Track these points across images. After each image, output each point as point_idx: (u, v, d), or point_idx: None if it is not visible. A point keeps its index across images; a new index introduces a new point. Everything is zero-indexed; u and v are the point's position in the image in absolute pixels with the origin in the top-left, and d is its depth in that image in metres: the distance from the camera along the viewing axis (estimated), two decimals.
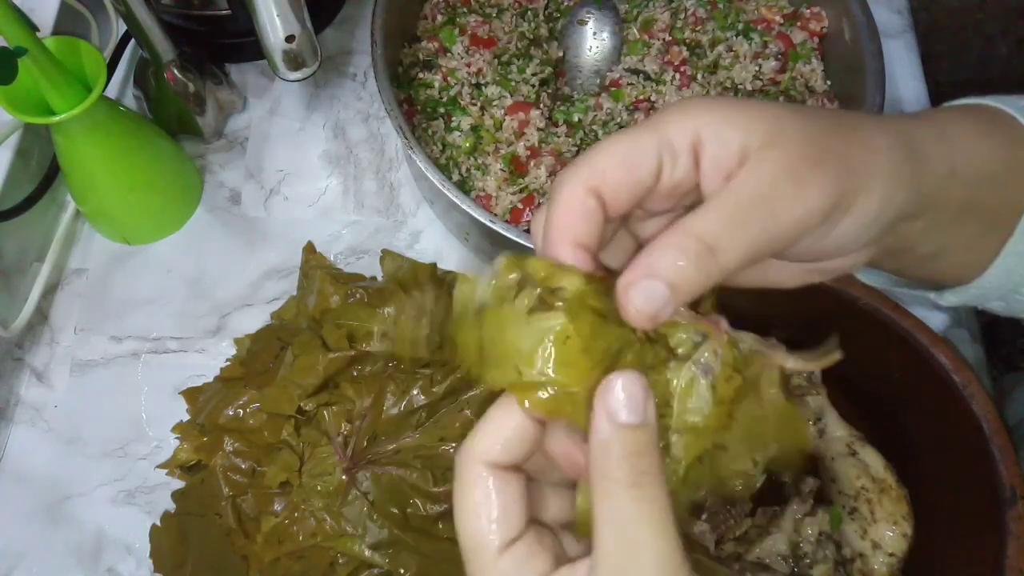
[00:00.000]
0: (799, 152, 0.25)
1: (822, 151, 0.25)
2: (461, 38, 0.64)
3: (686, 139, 0.26)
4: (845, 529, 0.49)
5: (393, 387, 0.52)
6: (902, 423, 0.53)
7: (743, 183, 0.25)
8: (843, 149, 0.26)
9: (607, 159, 0.26)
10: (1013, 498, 0.44)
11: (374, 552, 0.49)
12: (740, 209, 0.25)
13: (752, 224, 0.25)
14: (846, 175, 0.26)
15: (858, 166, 0.26)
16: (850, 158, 0.26)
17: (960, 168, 0.29)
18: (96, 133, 0.55)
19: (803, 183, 0.25)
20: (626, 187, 0.26)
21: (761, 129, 0.25)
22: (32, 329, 0.62)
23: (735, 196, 0.25)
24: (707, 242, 0.24)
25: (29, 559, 0.55)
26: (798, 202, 0.25)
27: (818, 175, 0.25)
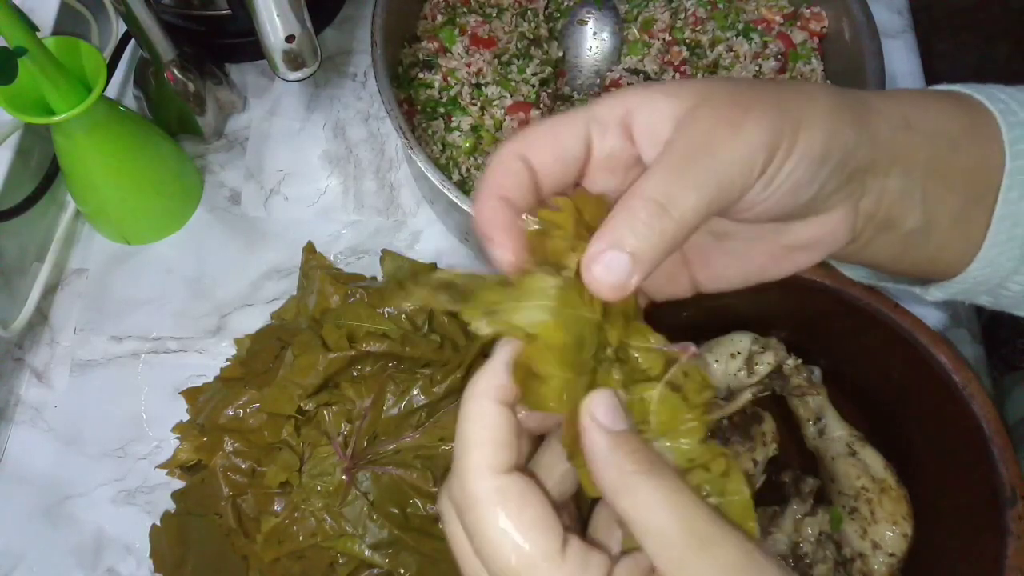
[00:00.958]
0: (729, 103, 0.26)
1: (753, 100, 0.26)
2: (461, 38, 0.64)
3: (614, 113, 0.27)
4: (845, 529, 0.49)
5: (393, 387, 0.52)
6: (902, 423, 0.53)
7: (679, 138, 0.26)
8: (774, 98, 0.27)
9: (535, 132, 0.27)
10: (1013, 498, 0.44)
11: (374, 552, 0.49)
12: (681, 160, 0.25)
13: (696, 171, 0.25)
14: (780, 114, 0.26)
15: (793, 108, 0.26)
16: (783, 102, 0.26)
17: (914, 121, 0.30)
18: (96, 133, 0.55)
19: (738, 125, 0.25)
20: (554, 154, 0.27)
21: (690, 94, 0.26)
22: (32, 329, 0.62)
23: (674, 151, 0.25)
24: (657, 200, 0.24)
25: (29, 559, 0.55)
26: (736, 140, 0.25)
27: (751, 116, 0.25)
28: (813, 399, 0.54)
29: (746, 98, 0.26)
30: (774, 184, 0.26)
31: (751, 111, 0.26)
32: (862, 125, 0.28)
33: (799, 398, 0.55)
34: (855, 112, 0.28)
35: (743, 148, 0.25)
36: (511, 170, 0.27)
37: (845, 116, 0.28)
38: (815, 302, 0.51)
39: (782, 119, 0.26)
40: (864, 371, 0.54)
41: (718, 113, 0.25)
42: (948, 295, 0.34)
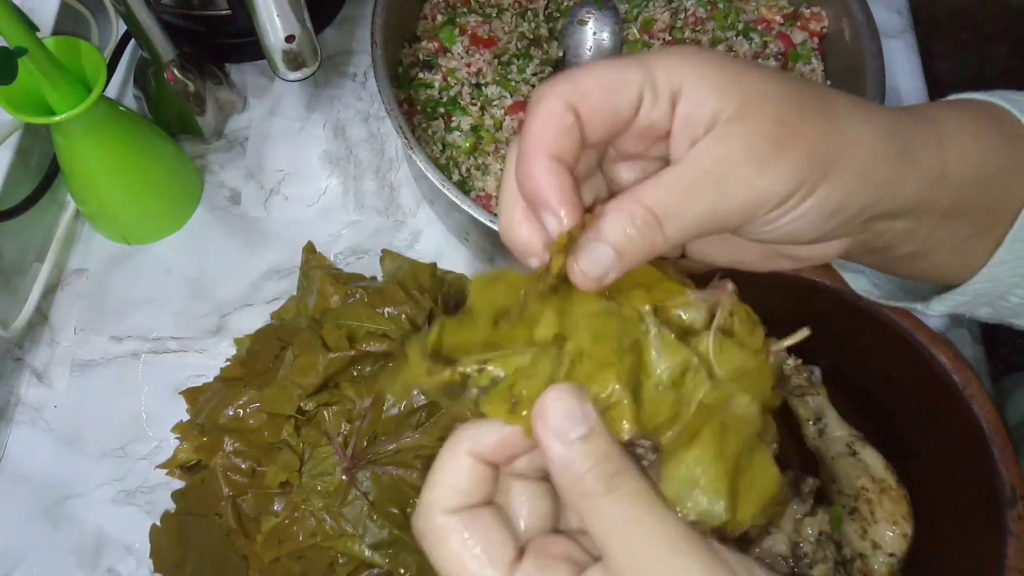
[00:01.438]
0: (767, 131, 0.25)
1: (792, 133, 0.25)
2: (461, 38, 0.64)
3: (668, 85, 0.25)
4: (845, 529, 0.49)
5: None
6: (902, 423, 0.53)
7: (702, 155, 0.25)
8: (816, 135, 0.25)
9: (591, 80, 0.25)
10: (1013, 498, 0.44)
11: (374, 552, 0.49)
12: (693, 184, 0.24)
13: (702, 201, 0.24)
14: (811, 163, 0.25)
15: (828, 155, 0.25)
16: (822, 145, 0.25)
17: (952, 170, 0.28)
18: (96, 133, 0.55)
19: (763, 165, 0.24)
20: (605, 112, 0.25)
21: (737, 97, 0.25)
22: (32, 329, 0.62)
23: (692, 169, 0.25)
24: (655, 212, 0.24)
25: (29, 559, 0.55)
26: (753, 186, 0.24)
27: (781, 159, 0.24)
28: (813, 399, 0.54)
29: (787, 128, 0.25)
30: (774, 224, 0.26)
31: (783, 151, 0.25)
32: (892, 181, 0.27)
33: (799, 398, 0.55)
34: (891, 165, 0.27)
35: (755, 195, 0.25)
36: (562, 124, 0.25)
37: (879, 171, 0.26)
38: (815, 302, 0.50)
39: (810, 168, 0.25)
40: (864, 371, 0.54)
41: (751, 141, 0.24)
42: (949, 308, 0.34)
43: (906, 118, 0.28)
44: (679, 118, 0.25)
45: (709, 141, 0.25)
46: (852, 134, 0.26)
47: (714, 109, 0.25)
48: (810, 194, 0.25)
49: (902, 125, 0.28)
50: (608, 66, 0.26)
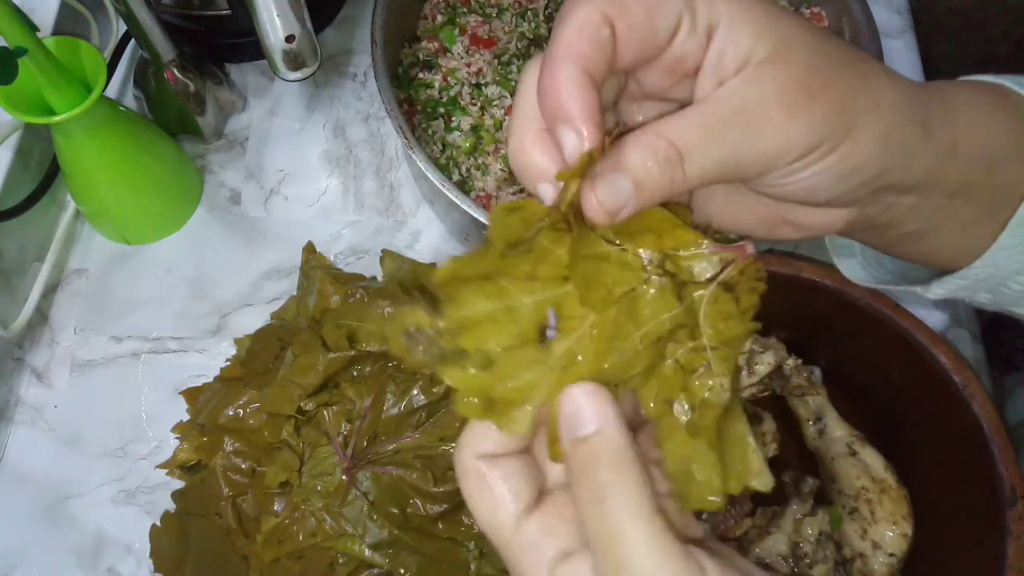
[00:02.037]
0: (800, 77, 0.24)
1: (824, 84, 0.24)
2: (461, 38, 0.64)
3: (707, 16, 0.24)
4: (845, 529, 0.49)
5: (393, 387, 0.52)
6: (902, 423, 0.53)
7: (732, 94, 0.24)
8: (846, 90, 0.25)
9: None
10: (1013, 498, 0.44)
11: (374, 552, 0.49)
12: (720, 122, 0.24)
13: (727, 141, 0.24)
14: (838, 118, 0.24)
15: (855, 113, 0.25)
16: (850, 101, 0.25)
17: (962, 146, 0.28)
18: (96, 133, 0.55)
19: (793, 113, 0.24)
20: (642, 31, 0.24)
21: (773, 40, 0.24)
22: (32, 329, 0.62)
23: (720, 107, 0.24)
24: (678, 148, 0.23)
25: (29, 559, 0.55)
26: (780, 132, 0.24)
27: (810, 108, 0.24)
28: (813, 399, 0.54)
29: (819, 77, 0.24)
30: (794, 177, 0.25)
31: (813, 100, 0.24)
32: (909, 148, 0.27)
33: (799, 398, 0.55)
34: (910, 134, 0.26)
35: (782, 142, 0.24)
36: (597, 37, 0.23)
37: (899, 137, 0.26)
38: (815, 302, 0.51)
39: (837, 123, 0.24)
40: (864, 371, 0.54)
41: (782, 86, 0.24)
42: (949, 291, 0.34)
43: (925, 91, 0.28)
44: (712, 53, 0.24)
45: (739, 81, 0.24)
46: (879, 95, 0.26)
47: (748, 49, 0.24)
48: (832, 150, 0.25)
49: (922, 96, 0.27)
50: None
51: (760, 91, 0.24)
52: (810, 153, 0.25)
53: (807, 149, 0.24)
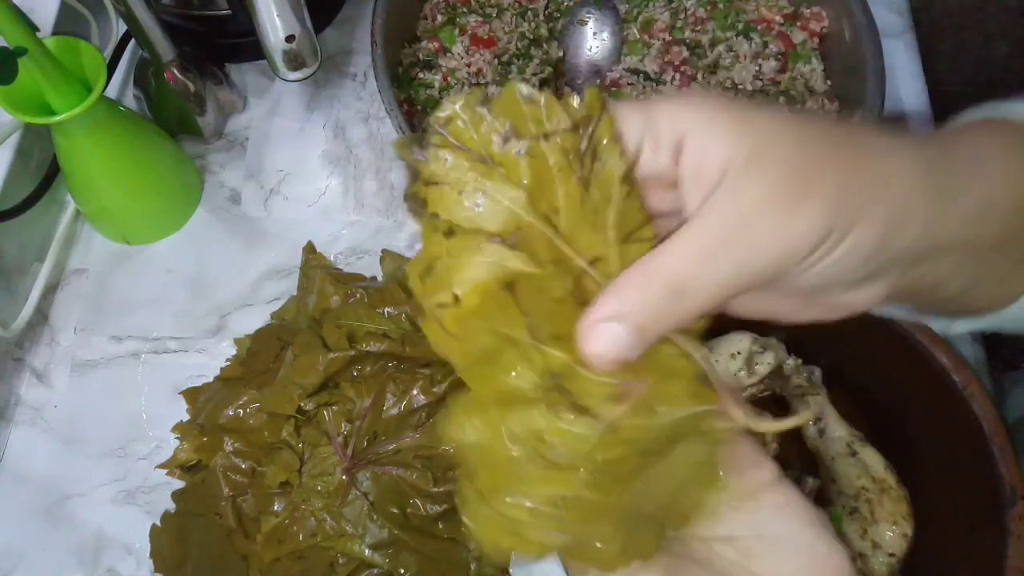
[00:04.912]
0: (784, 177, 0.22)
1: (813, 176, 0.23)
2: (461, 38, 0.64)
3: (671, 135, 0.23)
4: (845, 529, 0.49)
5: (393, 387, 0.52)
6: (902, 423, 0.53)
7: (718, 211, 0.23)
8: (841, 175, 0.23)
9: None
10: (1013, 498, 0.44)
11: (374, 552, 0.49)
12: (715, 243, 0.22)
13: (728, 262, 0.22)
14: (839, 206, 0.23)
15: (858, 196, 0.23)
16: (849, 186, 0.23)
17: (996, 201, 0.26)
18: (96, 133, 0.55)
19: (789, 214, 0.22)
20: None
21: (747, 143, 0.23)
22: (32, 329, 0.62)
23: (708, 228, 0.23)
24: (674, 284, 0.22)
25: (29, 559, 0.55)
26: (780, 237, 0.22)
27: (805, 205, 0.22)
28: (813, 399, 0.54)
29: (809, 168, 0.23)
30: (813, 270, 0.24)
31: (808, 194, 0.22)
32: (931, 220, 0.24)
33: (799, 398, 0.55)
34: (929, 203, 0.24)
35: (783, 246, 0.22)
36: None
37: (915, 208, 0.24)
38: None
39: (840, 212, 0.23)
40: (864, 371, 0.54)
41: (770, 188, 0.22)
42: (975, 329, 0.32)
43: (939, 147, 0.26)
44: (686, 169, 0.23)
45: (723, 194, 0.23)
46: (883, 170, 0.24)
47: (723, 158, 0.23)
48: (842, 239, 0.23)
49: (937, 156, 0.25)
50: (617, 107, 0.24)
51: (748, 199, 0.22)
52: (819, 247, 0.23)
53: (813, 245, 0.23)
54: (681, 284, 0.22)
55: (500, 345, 0.24)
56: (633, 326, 0.22)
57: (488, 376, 0.24)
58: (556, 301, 0.24)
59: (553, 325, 0.24)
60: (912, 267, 0.26)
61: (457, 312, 0.23)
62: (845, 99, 0.63)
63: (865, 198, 0.23)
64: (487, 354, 0.24)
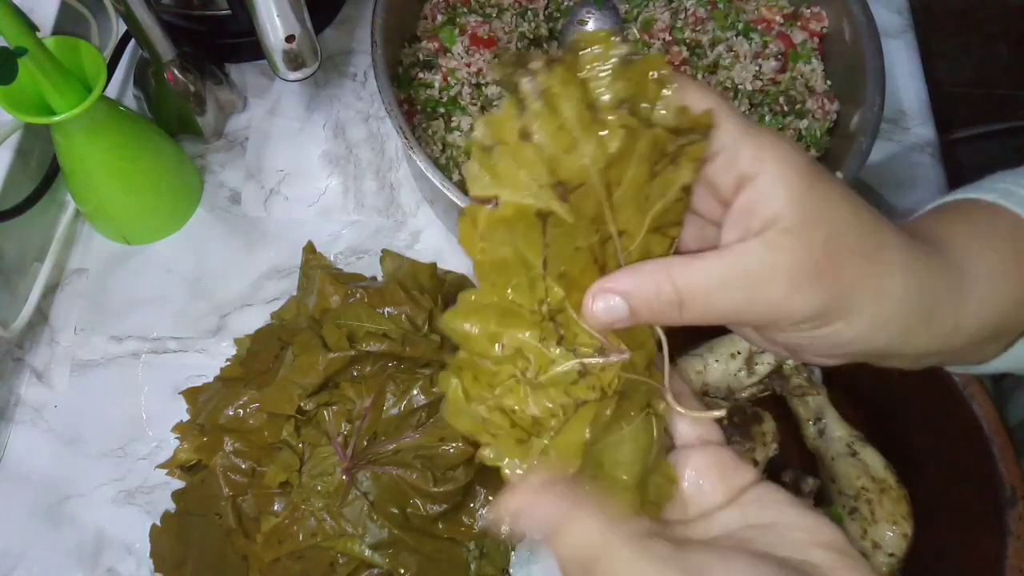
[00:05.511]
0: (815, 256, 0.25)
1: (835, 267, 0.25)
2: (461, 38, 0.64)
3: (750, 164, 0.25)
4: (845, 529, 0.49)
5: (393, 387, 0.52)
6: (902, 423, 0.53)
7: (747, 256, 0.25)
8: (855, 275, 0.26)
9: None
10: (1013, 498, 0.44)
11: (374, 552, 0.49)
12: (728, 281, 0.25)
13: (729, 301, 0.26)
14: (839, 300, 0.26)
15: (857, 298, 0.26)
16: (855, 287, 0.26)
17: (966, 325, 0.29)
18: (96, 133, 0.55)
19: (799, 288, 0.25)
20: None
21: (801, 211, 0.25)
22: (32, 329, 0.62)
23: (732, 267, 0.25)
24: (681, 295, 0.26)
25: (29, 559, 0.55)
26: (781, 303, 0.25)
27: (816, 287, 0.25)
28: (813, 399, 0.54)
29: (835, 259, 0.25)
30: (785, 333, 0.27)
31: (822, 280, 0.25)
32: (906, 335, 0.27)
33: (799, 398, 0.55)
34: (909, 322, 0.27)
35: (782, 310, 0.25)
36: None
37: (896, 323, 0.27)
38: None
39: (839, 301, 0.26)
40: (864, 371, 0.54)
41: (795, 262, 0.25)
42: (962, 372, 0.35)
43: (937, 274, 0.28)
44: (742, 201, 0.26)
45: (759, 244, 0.25)
46: (888, 285, 0.26)
47: (777, 212, 0.25)
48: (825, 324, 0.26)
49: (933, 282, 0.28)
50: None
51: (774, 260, 0.25)
52: (805, 322, 0.26)
53: (802, 319, 0.26)
54: (687, 299, 0.26)
55: (516, 262, 0.26)
56: (632, 308, 0.26)
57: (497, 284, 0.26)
58: (576, 249, 0.26)
59: (566, 265, 0.26)
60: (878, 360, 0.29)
61: (491, 214, 0.25)
62: (845, 99, 0.63)
63: (860, 302, 0.26)
64: (502, 264, 0.26)
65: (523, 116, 0.24)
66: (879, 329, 0.27)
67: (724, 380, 0.53)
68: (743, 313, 0.26)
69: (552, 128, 0.24)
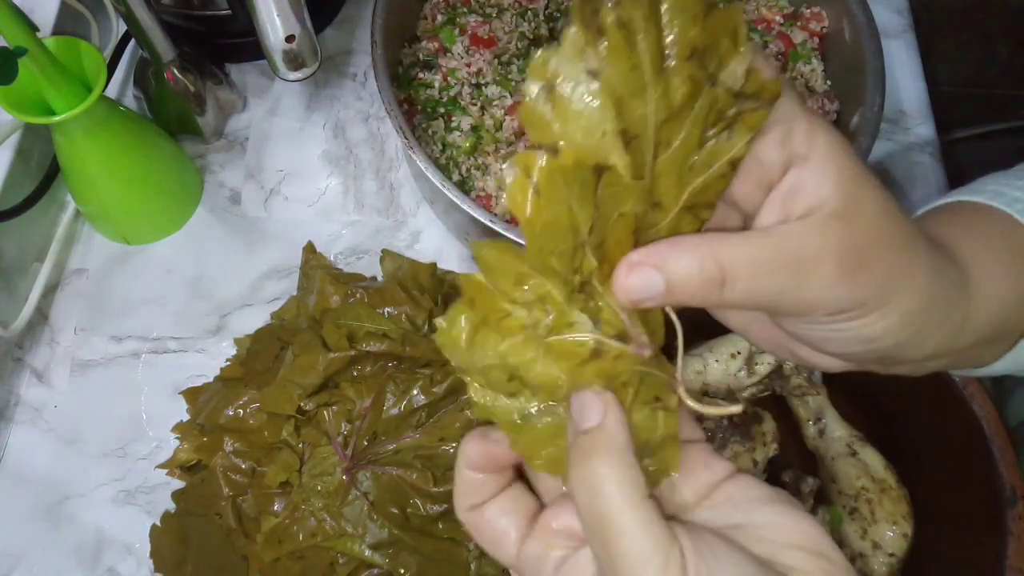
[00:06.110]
0: (861, 241, 0.24)
1: (878, 255, 0.25)
2: (461, 38, 0.64)
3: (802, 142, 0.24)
4: (845, 529, 0.49)
5: (393, 387, 0.52)
6: (902, 423, 0.53)
7: (794, 237, 0.24)
8: (893, 266, 0.25)
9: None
10: (1013, 498, 0.44)
11: (374, 552, 0.49)
12: (774, 263, 0.24)
13: (774, 283, 0.24)
14: (879, 290, 0.25)
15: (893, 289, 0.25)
16: (893, 277, 0.25)
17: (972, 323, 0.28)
18: (96, 133, 0.55)
19: (845, 273, 0.24)
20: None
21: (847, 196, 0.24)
22: (32, 329, 0.62)
23: (778, 247, 0.24)
24: (724, 274, 0.24)
25: (29, 559, 0.55)
26: (827, 289, 0.24)
27: (860, 276, 0.24)
28: (813, 399, 0.54)
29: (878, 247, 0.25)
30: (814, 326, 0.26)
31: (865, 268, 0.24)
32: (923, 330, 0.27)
33: (799, 398, 0.55)
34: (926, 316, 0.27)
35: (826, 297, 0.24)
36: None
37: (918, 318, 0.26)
38: None
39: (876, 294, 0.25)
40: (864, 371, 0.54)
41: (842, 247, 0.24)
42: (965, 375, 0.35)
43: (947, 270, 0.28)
44: (789, 182, 0.24)
45: (805, 225, 0.24)
46: (917, 277, 0.26)
47: (825, 195, 0.24)
48: (860, 317, 0.25)
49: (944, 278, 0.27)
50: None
51: (822, 243, 0.24)
52: (841, 313, 0.25)
53: (840, 309, 0.25)
54: (730, 278, 0.24)
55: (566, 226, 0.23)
56: (669, 283, 0.24)
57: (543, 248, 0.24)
58: (620, 215, 0.24)
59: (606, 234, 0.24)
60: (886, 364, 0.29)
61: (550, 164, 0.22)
62: (845, 99, 0.63)
63: (895, 293, 0.25)
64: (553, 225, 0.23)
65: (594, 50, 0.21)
66: (907, 324, 0.26)
67: (724, 380, 0.53)
68: (784, 297, 0.24)
69: (626, 67, 0.22)
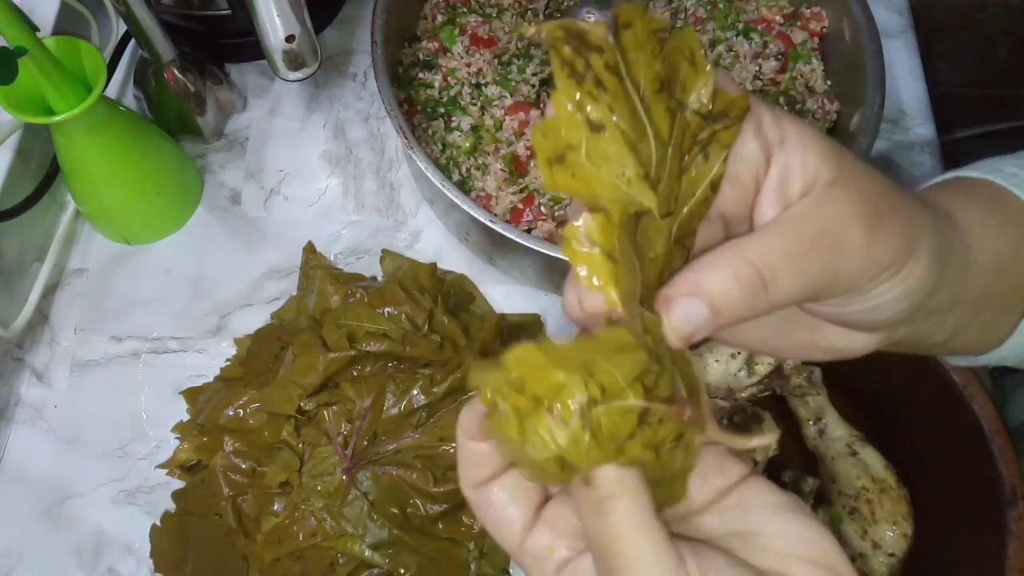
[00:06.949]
0: (870, 199, 0.24)
1: (889, 205, 0.24)
2: (461, 38, 0.64)
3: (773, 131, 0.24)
4: (845, 529, 0.49)
5: (393, 387, 0.52)
6: (902, 423, 0.53)
7: (809, 215, 0.23)
8: (907, 212, 0.25)
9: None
10: (1013, 498, 0.44)
11: (374, 552, 0.49)
12: (806, 244, 0.23)
13: (815, 263, 0.23)
14: (905, 239, 0.24)
15: (915, 234, 0.25)
16: (911, 223, 0.25)
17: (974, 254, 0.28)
18: (96, 133, 0.55)
19: (874, 234, 0.23)
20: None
21: (835, 164, 0.24)
22: (32, 329, 0.62)
23: (800, 227, 0.23)
24: (763, 273, 0.22)
25: (29, 559, 0.55)
26: (865, 252, 0.23)
27: (886, 230, 0.23)
28: (813, 399, 0.54)
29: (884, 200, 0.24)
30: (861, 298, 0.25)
31: (886, 221, 0.24)
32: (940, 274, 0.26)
33: (799, 398, 0.55)
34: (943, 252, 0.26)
35: (867, 260, 0.23)
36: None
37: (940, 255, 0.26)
38: None
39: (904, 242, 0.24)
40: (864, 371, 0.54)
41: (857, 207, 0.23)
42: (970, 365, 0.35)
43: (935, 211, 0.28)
44: (777, 170, 0.24)
45: (812, 202, 0.23)
46: (928, 220, 0.25)
47: (815, 170, 0.23)
48: (899, 269, 0.24)
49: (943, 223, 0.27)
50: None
51: (837, 211, 0.23)
52: (884, 272, 0.24)
53: (883, 267, 0.24)
54: (769, 274, 0.22)
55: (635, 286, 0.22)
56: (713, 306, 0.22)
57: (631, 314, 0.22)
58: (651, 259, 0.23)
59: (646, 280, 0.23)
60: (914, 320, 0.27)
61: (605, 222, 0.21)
62: (845, 99, 0.63)
63: (917, 238, 0.25)
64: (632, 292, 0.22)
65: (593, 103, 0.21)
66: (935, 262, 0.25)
67: (724, 380, 0.53)
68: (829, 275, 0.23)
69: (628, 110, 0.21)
